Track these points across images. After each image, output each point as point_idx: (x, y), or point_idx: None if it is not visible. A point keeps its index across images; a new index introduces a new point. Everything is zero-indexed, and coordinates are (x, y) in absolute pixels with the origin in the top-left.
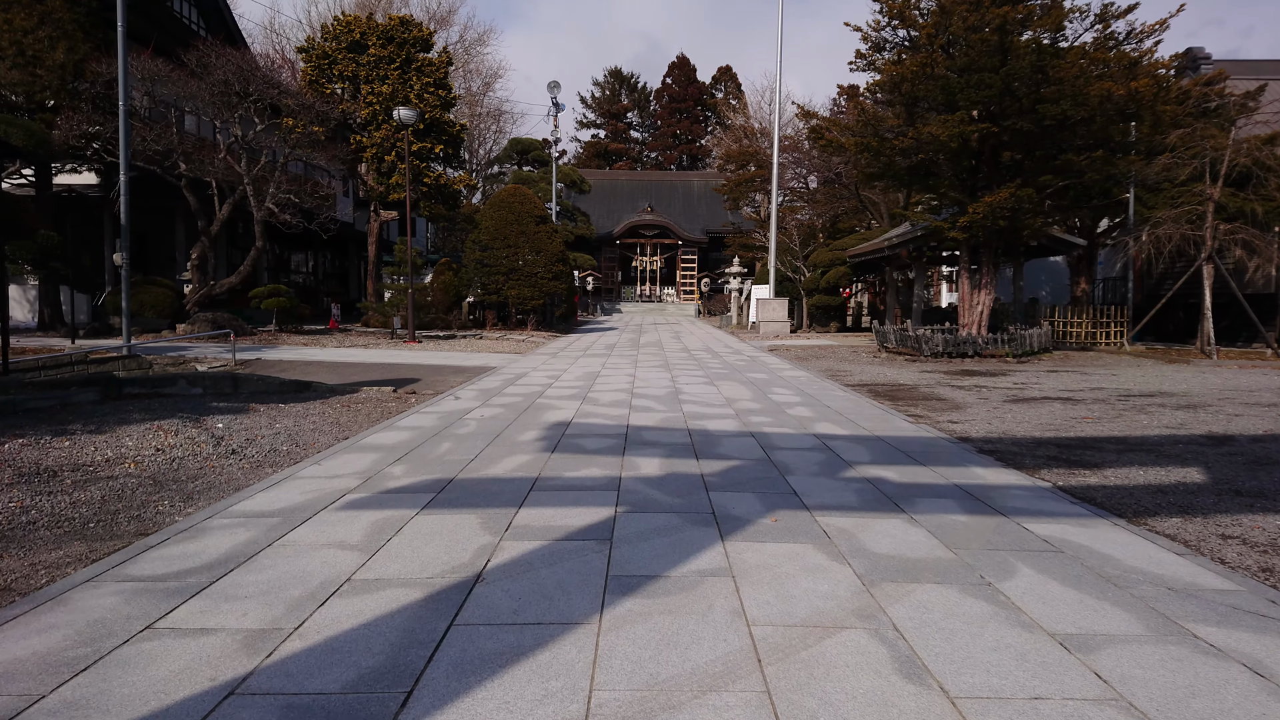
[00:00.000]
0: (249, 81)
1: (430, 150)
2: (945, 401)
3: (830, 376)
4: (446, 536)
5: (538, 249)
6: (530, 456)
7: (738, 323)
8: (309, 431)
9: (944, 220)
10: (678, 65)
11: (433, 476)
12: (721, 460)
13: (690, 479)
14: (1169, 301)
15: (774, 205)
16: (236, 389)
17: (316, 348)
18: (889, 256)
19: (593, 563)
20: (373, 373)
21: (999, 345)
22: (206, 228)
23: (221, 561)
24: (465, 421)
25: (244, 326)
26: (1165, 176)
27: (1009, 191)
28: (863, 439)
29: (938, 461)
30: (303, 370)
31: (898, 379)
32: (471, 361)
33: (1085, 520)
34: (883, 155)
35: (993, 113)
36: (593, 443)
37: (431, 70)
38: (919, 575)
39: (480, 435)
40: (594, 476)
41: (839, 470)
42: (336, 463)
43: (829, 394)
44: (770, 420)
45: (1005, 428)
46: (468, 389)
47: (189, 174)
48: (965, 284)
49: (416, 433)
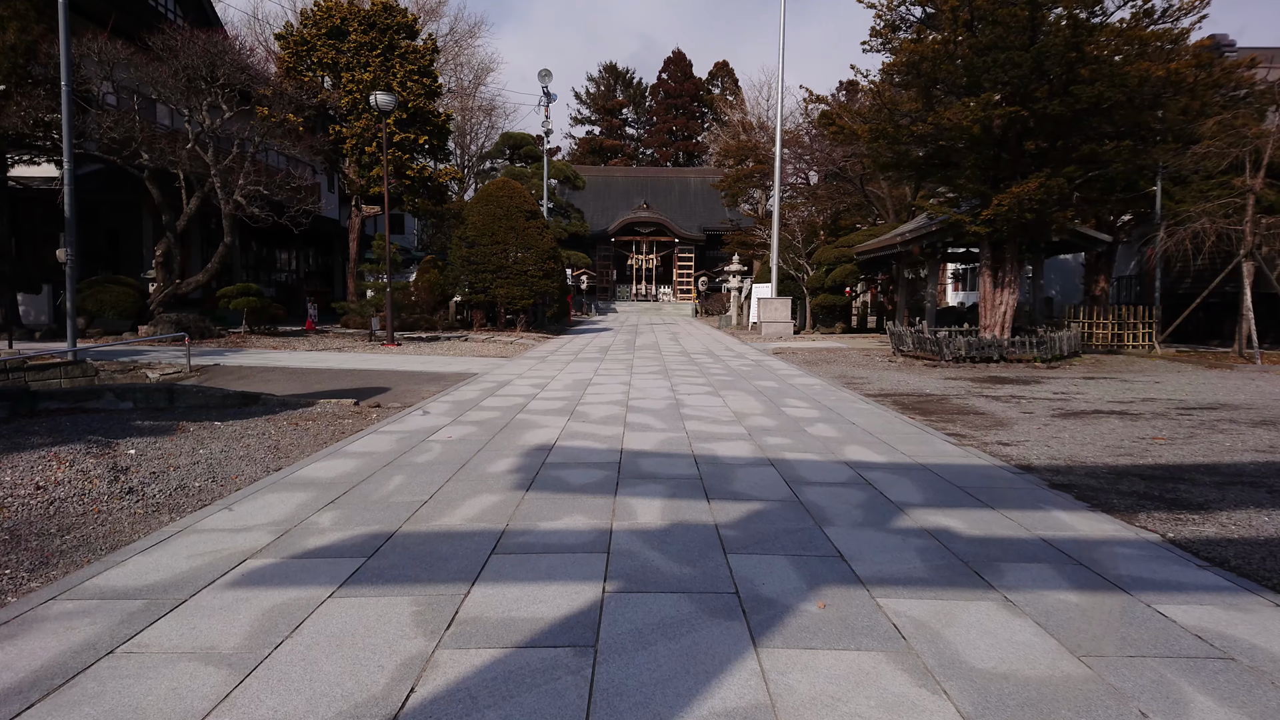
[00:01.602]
0: (216, 66)
1: (414, 141)
2: (985, 416)
3: (846, 384)
4: (361, 641)
5: (527, 245)
6: (499, 497)
7: (738, 323)
8: (236, 460)
9: (964, 213)
10: (674, 60)
11: (368, 530)
12: (739, 502)
13: (702, 533)
14: (1183, 301)
15: (776, 198)
16: (172, 403)
17: (286, 351)
18: (900, 253)
19: (567, 699)
20: (339, 380)
21: (1026, 349)
22: (172, 222)
23: (25, 687)
24: (428, 445)
25: (211, 328)
26: (1194, 168)
27: (1038, 182)
28: (905, 468)
29: (1007, 502)
30: (262, 378)
31: (922, 387)
32: (451, 367)
33: (1233, 598)
34: (898, 143)
35: (1021, 95)
36: (578, 475)
37: (416, 57)
38: (1053, 713)
39: (442, 465)
40: (577, 530)
41: (889, 517)
42: (253, 507)
43: (850, 407)
44: (790, 442)
45: (1068, 452)
46: (440, 401)
47: (151, 164)
48: (987, 282)
49: (366, 461)
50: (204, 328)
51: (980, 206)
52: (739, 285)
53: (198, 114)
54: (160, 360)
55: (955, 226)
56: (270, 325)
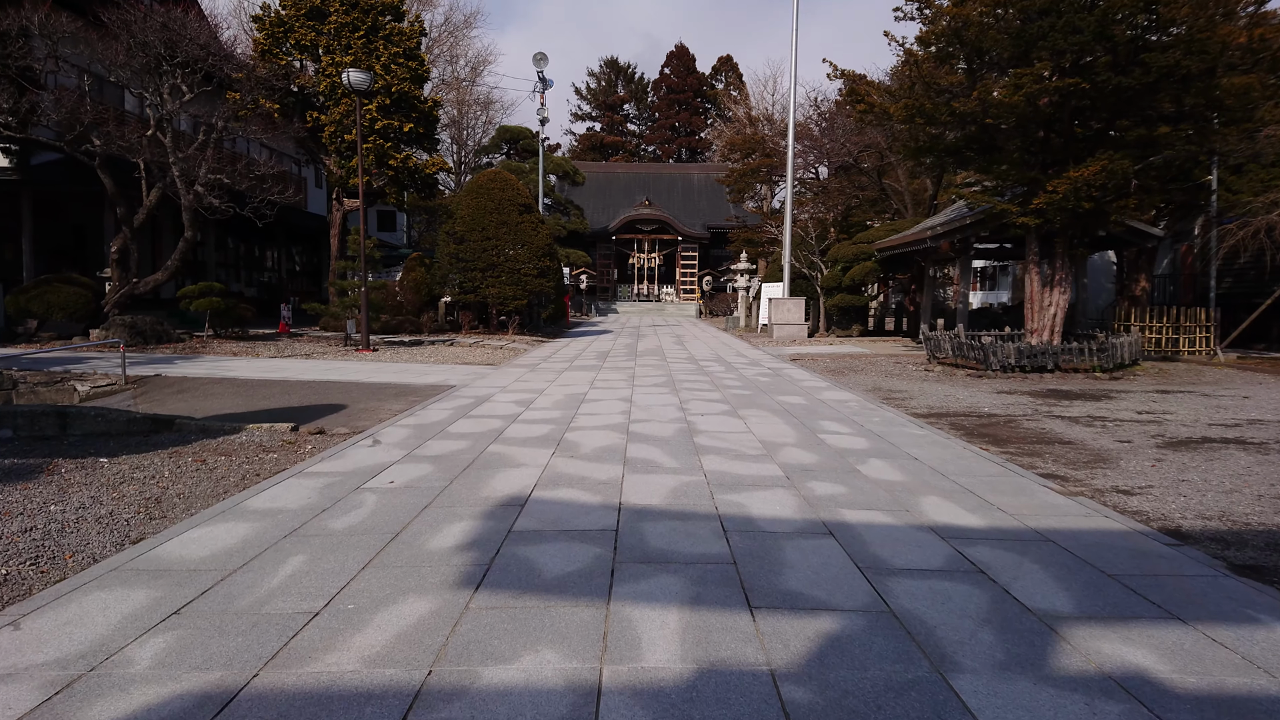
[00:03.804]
0: (176, 44)
1: (398, 129)
2: (1074, 447)
3: (885, 400)
4: None
5: (521, 241)
6: (430, 604)
7: (746, 325)
8: (90, 524)
9: (1009, 202)
10: (676, 55)
11: (201, 681)
12: (798, 615)
13: (751, 692)
14: (1223, 302)
15: (789, 189)
16: (64, 430)
17: (246, 359)
18: (927, 250)
19: None
20: (290, 395)
21: (1085, 356)
22: (129, 215)
23: None
24: (359, 498)
25: (169, 332)
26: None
27: (1100, 165)
28: (1017, 539)
29: (1194, 606)
30: (203, 392)
31: (977, 404)
32: (427, 378)
33: None
34: (936, 122)
35: (1080, 67)
36: (556, 557)
37: (401, 39)
38: None
39: (367, 535)
40: (543, 685)
41: (1041, 646)
42: (56, 621)
43: (902, 433)
44: (845, 492)
45: (1217, 505)
46: (399, 425)
47: (103, 150)
48: (1034, 281)
49: (264, 526)
50: (161, 331)
51: (1028, 195)
52: (747, 285)
53: (159, 97)
54: (97, 370)
55: (998, 217)
56: (240, 328)
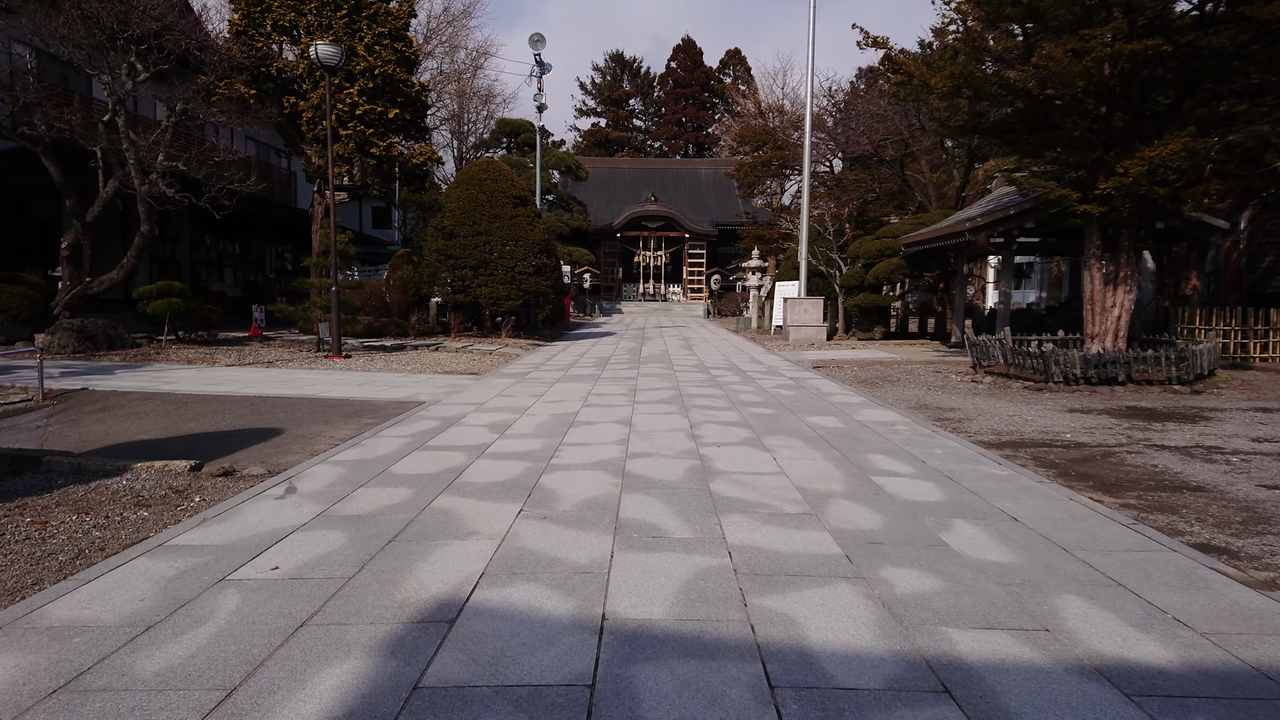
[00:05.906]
0: (129, 18)
1: (383, 115)
2: (1208, 494)
3: (939, 422)
4: None
5: (515, 237)
6: None
7: (758, 326)
8: None
9: (1066, 187)
10: (683, 48)
11: None
12: None
13: None
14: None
15: (806, 180)
16: None
17: (198, 368)
18: (962, 244)
19: None
20: (225, 416)
21: (1159, 365)
22: (80, 208)
23: None
24: (215, 601)
25: (123, 336)
26: None
27: (1180, 143)
28: (1240, 686)
29: None
30: (126, 410)
31: (1052, 427)
32: (394, 392)
33: None
34: (984, 95)
35: (1159, 25)
36: None
37: (387, 19)
38: None
39: (184, 689)
40: None
41: None
42: None
43: (979, 473)
44: (939, 588)
45: None
46: (332, 461)
47: (47, 136)
48: (1095, 279)
49: (34, 664)
50: (115, 336)
51: (1087, 179)
52: (758, 284)
53: (116, 78)
54: (16, 383)
55: (1051, 205)
56: (207, 331)
